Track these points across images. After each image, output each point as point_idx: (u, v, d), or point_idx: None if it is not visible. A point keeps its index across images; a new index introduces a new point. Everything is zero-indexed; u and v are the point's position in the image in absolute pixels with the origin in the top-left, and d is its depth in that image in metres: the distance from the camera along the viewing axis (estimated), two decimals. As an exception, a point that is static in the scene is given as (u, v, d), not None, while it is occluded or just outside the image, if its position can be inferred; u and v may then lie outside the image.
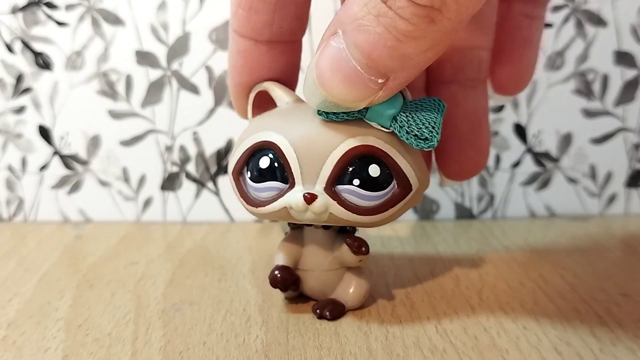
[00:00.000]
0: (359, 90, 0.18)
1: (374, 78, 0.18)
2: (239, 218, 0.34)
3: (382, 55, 0.17)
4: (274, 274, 0.22)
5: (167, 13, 0.32)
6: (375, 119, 0.20)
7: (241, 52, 0.22)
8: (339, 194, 0.20)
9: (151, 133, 0.33)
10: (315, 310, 0.23)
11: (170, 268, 0.27)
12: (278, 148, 0.20)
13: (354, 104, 0.19)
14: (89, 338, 0.21)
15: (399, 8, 0.16)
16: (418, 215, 0.34)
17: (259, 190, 0.21)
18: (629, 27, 0.32)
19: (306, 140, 0.20)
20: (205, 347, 0.21)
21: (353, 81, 0.18)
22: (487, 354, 0.20)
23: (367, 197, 0.20)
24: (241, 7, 0.21)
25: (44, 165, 0.34)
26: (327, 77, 0.18)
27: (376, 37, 0.17)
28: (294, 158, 0.20)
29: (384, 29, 0.16)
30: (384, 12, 0.16)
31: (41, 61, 0.33)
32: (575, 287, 0.25)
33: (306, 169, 0.20)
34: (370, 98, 0.18)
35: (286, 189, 0.21)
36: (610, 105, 0.33)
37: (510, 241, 0.31)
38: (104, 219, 0.34)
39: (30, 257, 0.29)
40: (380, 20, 0.16)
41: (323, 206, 0.20)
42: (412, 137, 0.20)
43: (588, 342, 0.21)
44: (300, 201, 0.20)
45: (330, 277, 0.23)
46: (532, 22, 0.25)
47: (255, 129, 0.22)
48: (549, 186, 0.34)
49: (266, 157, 0.21)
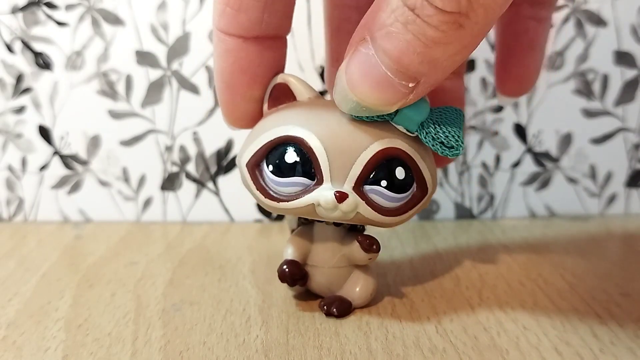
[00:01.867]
0: (390, 95, 0.18)
1: (404, 82, 0.18)
2: (239, 218, 0.34)
3: (412, 60, 0.17)
4: (282, 268, 0.22)
5: (167, 13, 0.32)
6: (403, 122, 0.20)
7: (230, 51, 0.21)
8: (366, 194, 0.20)
9: (151, 133, 0.33)
10: (322, 307, 0.23)
11: (170, 268, 0.27)
12: (306, 144, 0.20)
13: (385, 107, 0.19)
14: (89, 338, 0.21)
15: (426, 16, 0.16)
16: (418, 215, 0.34)
17: (283, 185, 0.21)
18: (629, 27, 0.32)
19: (336, 138, 0.20)
20: (205, 347, 0.21)
21: (384, 86, 0.18)
22: (487, 354, 0.20)
23: (392, 199, 0.21)
24: (230, 6, 0.21)
25: (44, 165, 0.34)
26: (357, 83, 0.18)
27: (405, 43, 0.17)
28: (324, 155, 0.20)
29: (412, 36, 0.17)
30: (411, 20, 0.16)
31: (41, 61, 0.33)
32: (575, 287, 0.25)
33: (335, 166, 0.20)
34: (402, 101, 0.19)
35: (312, 185, 0.20)
36: (610, 105, 0.33)
37: (510, 241, 0.31)
38: (104, 219, 0.34)
39: (30, 257, 0.29)
40: (409, 28, 0.17)
41: (353, 205, 0.20)
42: (437, 144, 0.20)
43: (588, 342, 0.21)
44: (331, 199, 0.20)
45: (338, 274, 0.23)
46: (538, 25, 0.25)
47: (276, 122, 0.21)
48: (549, 186, 0.34)
49: (293, 152, 0.20)
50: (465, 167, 0.34)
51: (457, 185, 0.34)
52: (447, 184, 0.34)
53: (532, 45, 0.25)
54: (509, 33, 0.26)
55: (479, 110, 0.33)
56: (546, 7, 0.25)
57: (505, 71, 0.26)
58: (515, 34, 0.25)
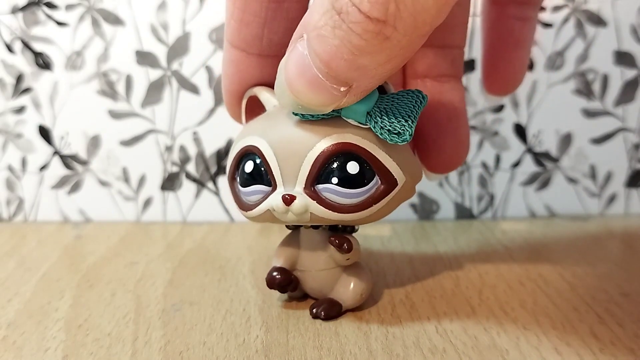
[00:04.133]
0: (323, 96, 0.18)
1: (335, 86, 0.17)
2: (239, 218, 0.34)
3: (340, 66, 0.17)
4: (271, 275, 0.23)
5: (167, 13, 0.32)
6: (351, 115, 0.20)
7: (233, 62, 0.22)
8: (319, 193, 0.20)
9: (151, 133, 0.33)
10: (311, 310, 0.23)
11: (170, 268, 0.27)
12: (260, 151, 0.21)
13: (320, 108, 0.19)
14: (89, 338, 0.21)
15: (351, 22, 0.16)
16: (418, 215, 0.34)
17: (247, 194, 0.21)
18: (629, 27, 0.32)
19: (284, 142, 0.20)
20: (205, 347, 0.21)
21: (317, 87, 0.18)
22: (487, 354, 0.20)
23: (348, 195, 0.20)
24: (233, 19, 0.21)
25: (44, 165, 0.34)
26: (293, 81, 0.18)
27: (333, 48, 0.16)
28: (274, 160, 0.20)
29: (339, 41, 0.16)
30: (338, 24, 0.16)
31: (41, 61, 0.33)
32: (575, 287, 0.25)
33: (286, 170, 0.20)
34: (336, 103, 0.18)
35: (269, 191, 0.21)
36: (610, 105, 0.33)
37: (510, 241, 0.31)
38: (104, 219, 0.34)
39: (30, 257, 0.29)
40: (336, 33, 0.16)
41: (302, 207, 0.20)
42: (385, 131, 0.19)
43: (588, 342, 0.21)
44: (280, 203, 0.20)
45: (327, 277, 0.23)
46: (524, 24, 0.25)
47: (243, 134, 0.22)
48: (549, 186, 0.34)
49: (251, 161, 0.21)
50: (465, 167, 0.34)
51: (457, 185, 0.34)
52: (447, 184, 0.34)
53: (518, 44, 0.25)
54: (495, 32, 0.25)
55: (479, 110, 0.33)
56: (532, 7, 0.25)
57: (492, 70, 0.26)
58: (500, 33, 0.25)
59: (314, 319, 0.22)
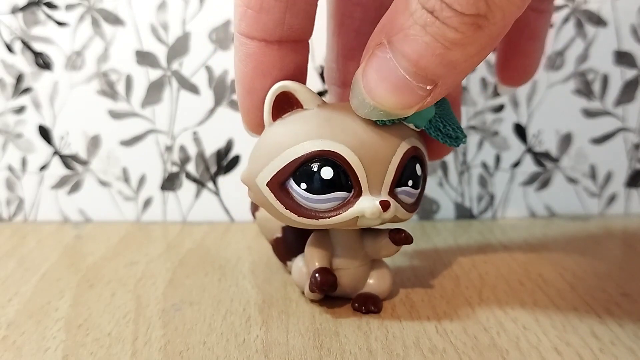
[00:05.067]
0: (408, 98, 0.18)
1: (422, 85, 0.18)
2: (239, 218, 0.34)
3: (430, 63, 0.17)
4: (315, 278, 0.22)
5: (167, 13, 0.32)
6: (414, 120, 0.21)
7: (251, 55, 0.21)
8: (398, 195, 0.21)
9: (151, 133, 0.33)
10: (359, 308, 0.23)
11: (170, 268, 0.27)
12: (341, 157, 0.20)
13: (403, 111, 0.19)
14: (89, 338, 0.21)
15: (446, 18, 0.16)
16: (418, 215, 0.34)
17: (320, 202, 0.20)
18: (629, 27, 0.32)
19: (367, 147, 0.20)
20: (205, 347, 0.21)
21: (402, 89, 0.18)
22: (487, 354, 0.20)
23: (414, 195, 0.22)
24: (250, 8, 0.20)
25: (44, 165, 0.34)
26: (375, 87, 0.18)
27: (424, 46, 0.17)
28: (360, 166, 0.20)
29: (431, 38, 0.17)
30: (430, 22, 0.16)
31: (41, 61, 0.33)
32: (575, 287, 0.25)
33: (372, 175, 0.20)
34: (420, 104, 0.18)
35: (350, 197, 0.20)
36: (610, 105, 0.33)
37: (510, 241, 0.31)
38: (104, 219, 0.34)
39: (30, 257, 0.29)
40: (428, 30, 0.17)
41: (394, 211, 0.21)
42: (445, 136, 0.21)
43: (588, 342, 0.21)
44: (377, 209, 0.20)
45: (363, 272, 0.23)
46: (539, 16, 0.26)
47: (296, 136, 0.20)
48: (549, 186, 0.34)
49: (328, 168, 0.20)
50: (465, 167, 0.34)
51: (457, 185, 0.34)
52: (447, 184, 0.34)
53: (533, 36, 0.26)
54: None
55: (479, 110, 0.33)
56: (547, 0, 0.26)
57: (506, 60, 0.27)
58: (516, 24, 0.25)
59: (365, 313, 0.23)
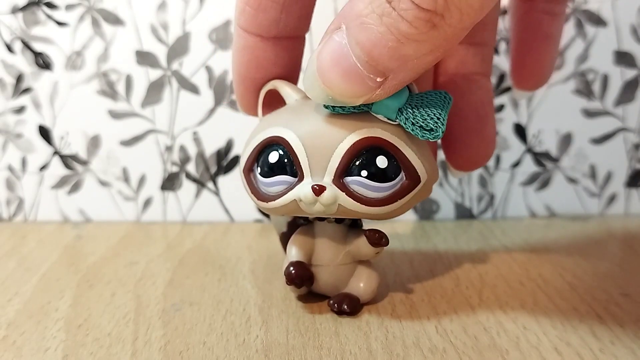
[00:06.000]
0: (357, 87, 0.18)
1: (372, 76, 0.18)
2: (239, 218, 0.34)
3: (383, 54, 0.17)
4: (289, 270, 0.22)
5: (167, 13, 0.32)
6: (381, 111, 0.20)
7: (247, 48, 0.22)
8: (348, 185, 0.20)
9: (151, 133, 0.33)
10: (332, 306, 0.22)
11: (170, 268, 0.27)
12: (286, 142, 0.21)
13: (351, 99, 0.19)
14: (89, 338, 0.21)
15: (402, 10, 0.16)
16: (418, 215, 0.34)
17: (269, 185, 0.21)
18: (629, 27, 0.32)
19: (314, 134, 0.20)
20: (205, 347, 0.21)
21: (351, 77, 0.18)
22: (487, 354, 0.20)
23: (376, 189, 0.20)
24: (249, 5, 0.21)
25: (44, 165, 0.34)
26: (326, 71, 0.18)
27: (378, 36, 0.17)
28: (302, 151, 0.20)
29: (386, 28, 0.17)
30: (387, 12, 0.16)
31: (41, 61, 0.33)
32: (575, 287, 0.25)
33: (314, 161, 0.20)
34: (368, 95, 0.18)
35: (295, 182, 0.21)
36: (610, 105, 0.33)
37: (510, 241, 0.31)
38: (104, 219, 0.34)
39: (30, 257, 0.29)
40: (384, 20, 0.17)
41: (332, 197, 0.20)
42: (417, 128, 0.20)
43: (588, 342, 0.21)
44: (309, 193, 0.20)
45: (344, 272, 0.23)
46: (553, 19, 0.25)
47: (264, 126, 0.22)
48: (549, 186, 0.34)
49: (275, 152, 0.21)
50: (465, 167, 0.34)
51: (457, 185, 0.34)
52: (447, 184, 0.34)
53: (547, 39, 0.26)
54: (524, 27, 0.26)
55: (479, 110, 0.33)
56: (560, 2, 0.25)
57: (521, 65, 0.26)
58: (529, 27, 0.25)
59: (338, 314, 0.22)
